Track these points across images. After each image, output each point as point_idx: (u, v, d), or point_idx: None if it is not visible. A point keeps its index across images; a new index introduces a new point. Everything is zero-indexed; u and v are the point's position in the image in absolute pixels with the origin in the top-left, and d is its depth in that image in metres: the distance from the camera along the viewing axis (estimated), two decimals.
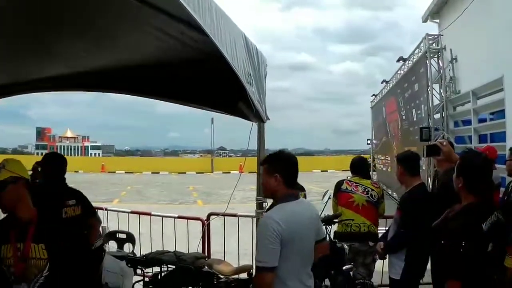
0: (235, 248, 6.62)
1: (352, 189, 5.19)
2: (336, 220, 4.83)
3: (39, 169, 4.42)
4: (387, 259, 4.67)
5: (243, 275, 4.84)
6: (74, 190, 4.27)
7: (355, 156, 6.73)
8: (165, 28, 3.44)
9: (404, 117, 13.97)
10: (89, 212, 4.28)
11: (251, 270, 4.75)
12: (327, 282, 4.55)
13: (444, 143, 4.11)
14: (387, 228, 4.86)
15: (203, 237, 6.31)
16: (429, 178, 9.29)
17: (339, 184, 5.33)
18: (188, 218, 6.85)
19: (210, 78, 4.23)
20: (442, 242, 3.01)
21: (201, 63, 4.14)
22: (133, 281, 5.11)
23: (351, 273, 4.51)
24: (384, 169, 18.64)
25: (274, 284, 2.84)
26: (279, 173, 2.99)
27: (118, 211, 7.26)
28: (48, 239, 2.60)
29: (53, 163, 4.29)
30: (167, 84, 4.71)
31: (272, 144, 4.87)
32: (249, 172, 5.31)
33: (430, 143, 4.19)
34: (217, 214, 6.27)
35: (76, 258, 2.69)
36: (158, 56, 4.36)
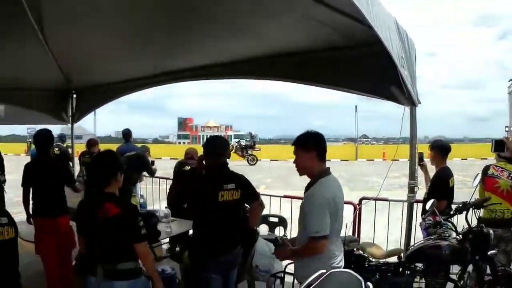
0: (380, 234, 6.79)
1: (498, 174, 5.10)
2: (486, 204, 4.74)
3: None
4: None
5: (393, 259, 4.90)
6: (235, 174, 4.24)
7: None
8: (318, 16, 3.62)
9: None
10: (250, 197, 4.31)
11: (401, 254, 4.87)
12: (469, 268, 4.48)
13: (510, 139, 4.19)
14: None
15: (354, 221, 6.42)
16: None
17: (486, 169, 5.25)
18: None
19: (363, 62, 4.31)
20: None
21: (353, 48, 4.32)
22: (284, 264, 5.35)
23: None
24: None
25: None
26: (314, 150, 3.29)
27: (270, 196, 7.39)
28: None
29: (213, 147, 4.20)
30: (319, 69, 4.88)
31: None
32: (392, 160, 5.33)
33: (498, 139, 4.04)
34: (369, 199, 6.60)
35: None
36: (309, 42, 4.61)
